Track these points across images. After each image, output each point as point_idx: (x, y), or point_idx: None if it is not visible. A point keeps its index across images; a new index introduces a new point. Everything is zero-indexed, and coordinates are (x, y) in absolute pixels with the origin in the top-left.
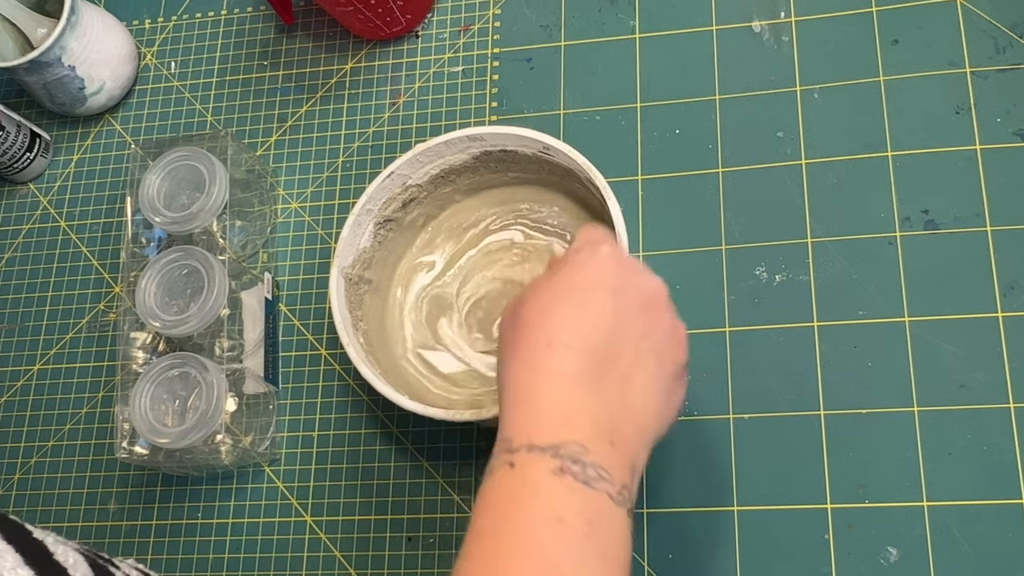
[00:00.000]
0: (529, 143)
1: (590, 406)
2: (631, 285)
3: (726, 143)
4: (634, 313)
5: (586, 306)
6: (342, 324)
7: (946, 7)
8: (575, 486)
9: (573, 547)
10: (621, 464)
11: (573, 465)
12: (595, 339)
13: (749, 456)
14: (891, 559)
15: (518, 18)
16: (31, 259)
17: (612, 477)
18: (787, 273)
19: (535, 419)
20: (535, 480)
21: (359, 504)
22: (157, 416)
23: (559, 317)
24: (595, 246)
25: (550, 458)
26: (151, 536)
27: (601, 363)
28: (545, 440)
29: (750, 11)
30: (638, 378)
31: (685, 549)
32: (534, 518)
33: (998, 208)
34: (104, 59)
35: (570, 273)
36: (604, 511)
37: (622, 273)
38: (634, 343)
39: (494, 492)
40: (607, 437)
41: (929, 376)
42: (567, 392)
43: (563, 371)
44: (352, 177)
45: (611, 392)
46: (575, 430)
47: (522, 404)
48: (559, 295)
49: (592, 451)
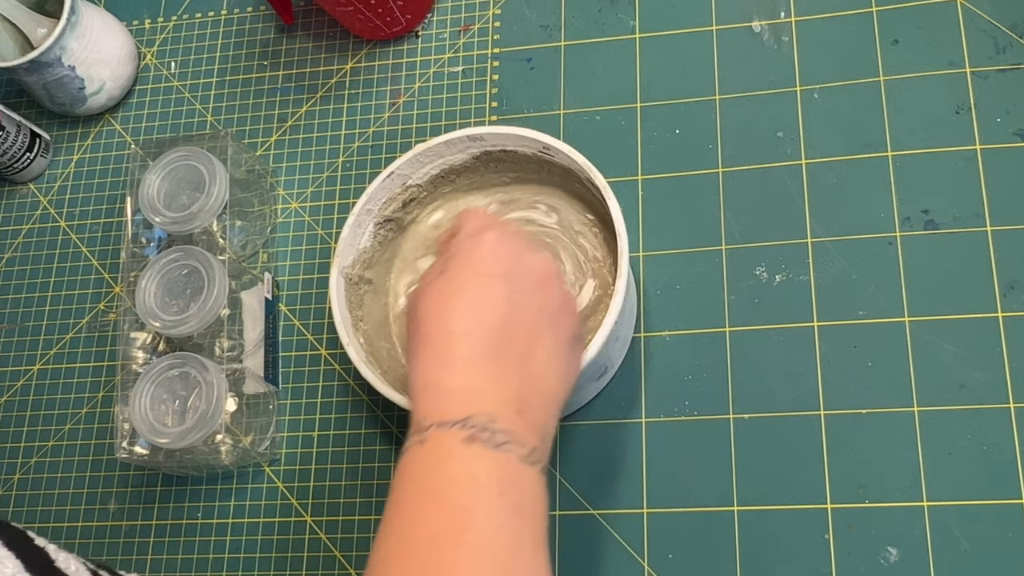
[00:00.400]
0: (529, 143)
1: (495, 383)
2: (520, 266)
3: (726, 143)
4: (528, 292)
5: (481, 293)
6: (342, 324)
7: (946, 7)
8: (484, 451)
9: (486, 501)
10: (529, 429)
11: (482, 433)
12: (492, 322)
13: (749, 456)
14: (891, 559)
15: (518, 18)
16: (31, 259)
17: (521, 440)
18: (787, 273)
19: (443, 401)
20: (446, 449)
21: (359, 504)
22: (157, 416)
23: (455, 307)
24: (480, 234)
25: (459, 429)
26: (151, 536)
27: (500, 343)
28: (453, 415)
29: (750, 11)
30: (538, 351)
31: (685, 549)
32: (445, 480)
33: (998, 208)
34: (104, 59)
35: (461, 263)
36: (515, 470)
37: (510, 256)
38: (530, 319)
39: (406, 467)
40: (514, 407)
41: (929, 376)
42: (471, 374)
43: (465, 356)
44: (352, 177)
45: (513, 367)
46: (482, 403)
47: (430, 391)
48: (453, 286)
49: (500, 419)
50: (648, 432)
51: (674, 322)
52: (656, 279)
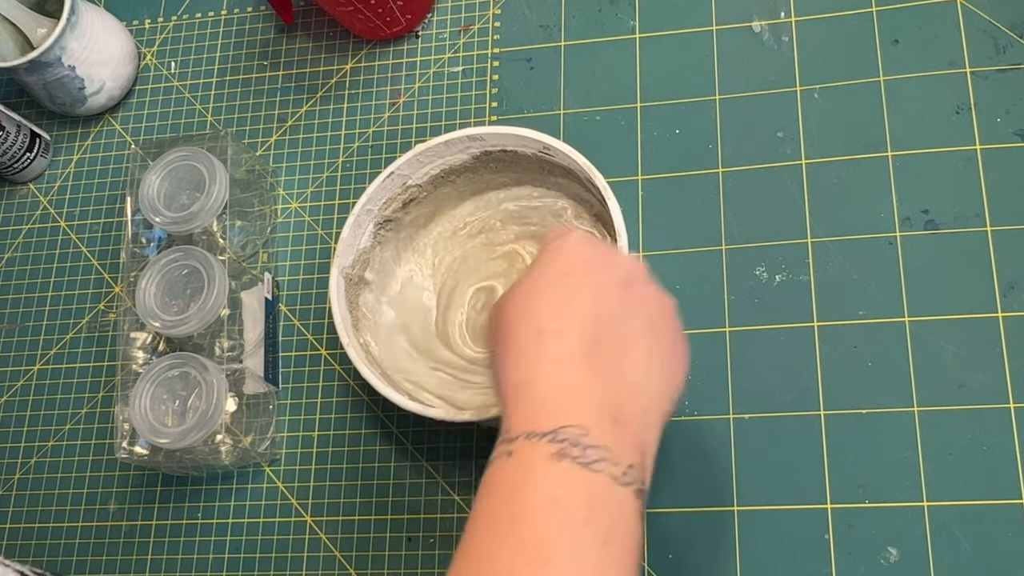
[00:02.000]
0: (529, 143)
1: (588, 387)
2: (608, 264)
3: (726, 143)
4: (617, 290)
5: (568, 290)
6: (342, 324)
7: (946, 7)
8: (574, 469)
9: (570, 530)
10: (626, 442)
11: (572, 448)
12: (583, 319)
13: (749, 456)
14: (891, 559)
15: (518, 18)
16: (31, 259)
17: (616, 457)
18: (787, 273)
19: (532, 408)
20: (532, 465)
21: (359, 504)
22: (157, 416)
23: (544, 304)
24: (564, 236)
25: (548, 443)
26: (151, 536)
27: (593, 342)
28: (543, 426)
29: (750, 11)
30: (634, 353)
31: (685, 549)
32: (529, 502)
33: (998, 208)
34: (104, 59)
35: (547, 263)
36: (607, 494)
37: (597, 254)
38: (623, 319)
39: (491, 481)
40: (609, 416)
41: (929, 376)
42: (563, 376)
43: (556, 356)
44: (352, 177)
45: (608, 370)
46: (574, 413)
47: (519, 395)
48: (540, 285)
49: (593, 432)
50: None
51: None
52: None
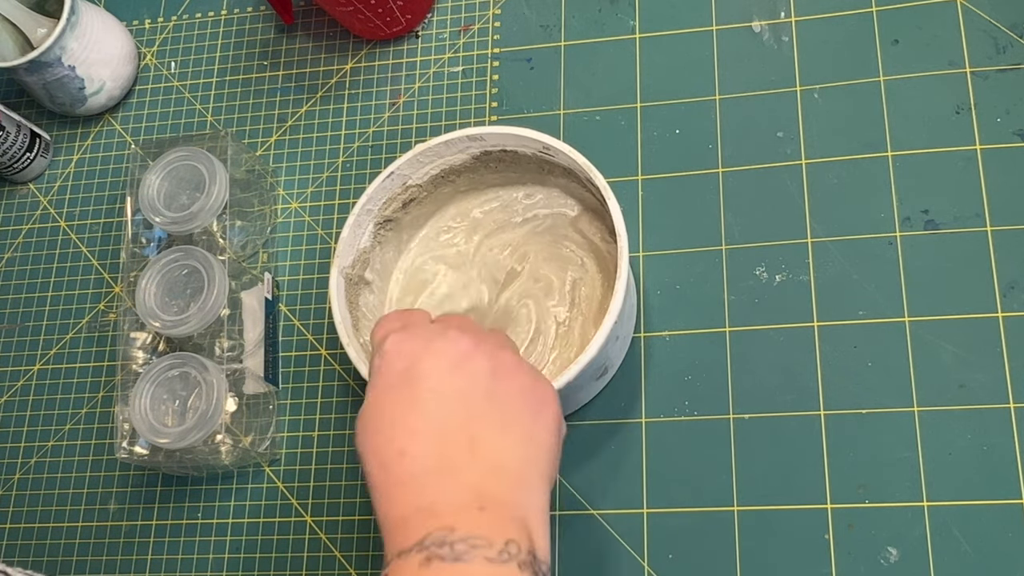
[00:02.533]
0: (529, 143)
1: (445, 490)
2: (427, 360)
3: (726, 143)
4: (446, 380)
5: (397, 407)
6: (342, 324)
7: (946, 7)
8: (443, 567)
9: None
10: (498, 523)
11: (439, 549)
12: (422, 431)
13: (749, 456)
14: (891, 559)
15: (518, 18)
16: (31, 259)
17: (489, 540)
18: (787, 273)
19: (399, 530)
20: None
21: (359, 504)
22: (157, 416)
23: (381, 434)
24: (380, 347)
25: (415, 554)
26: (151, 536)
27: (439, 446)
28: (410, 542)
29: (750, 11)
30: (484, 433)
31: (685, 549)
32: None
33: (998, 208)
34: (104, 59)
35: (373, 384)
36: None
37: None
38: (462, 407)
39: None
40: (474, 507)
41: (929, 376)
42: (418, 493)
43: (407, 477)
44: (352, 177)
45: (462, 464)
46: (437, 519)
47: (387, 526)
48: (374, 410)
49: (459, 528)
50: (648, 432)
51: (674, 322)
52: (656, 279)
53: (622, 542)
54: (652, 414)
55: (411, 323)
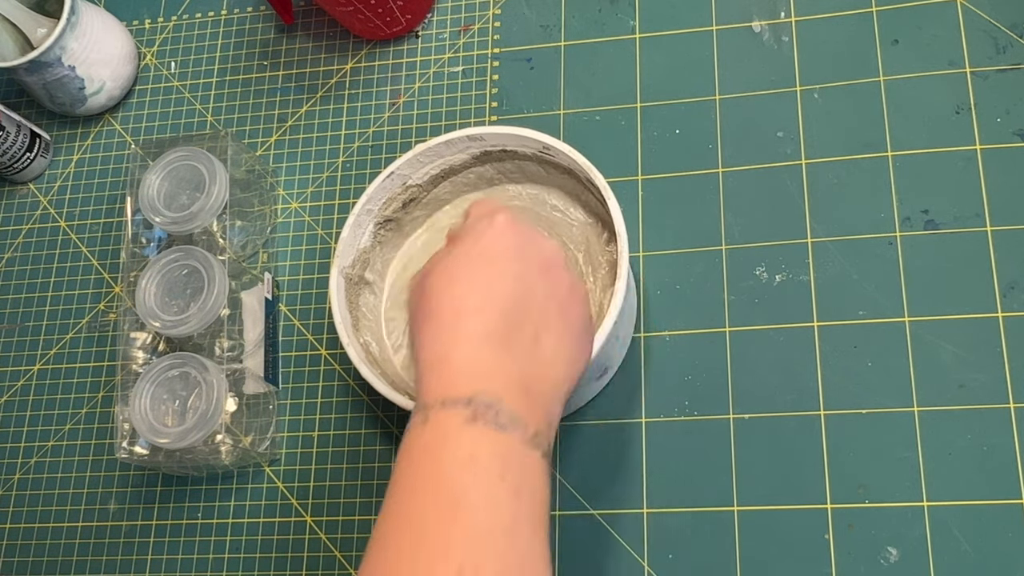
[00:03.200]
0: (529, 143)
1: (502, 362)
2: (530, 250)
3: (726, 143)
4: (535, 276)
5: (489, 273)
6: (342, 324)
7: (946, 7)
8: (487, 430)
9: (486, 483)
10: (534, 412)
11: (486, 411)
12: (501, 302)
13: (749, 456)
14: (891, 559)
15: (518, 18)
16: (31, 259)
17: (526, 423)
18: (787, 273)
19: (448, 378)
20: (447, 430)
21: (359, 504)
22: (157, 416)
23: (464, 286)
24: (491, 216)
25: (463, 408)
26: (151, 536)
27: (509, 324)
28: (458, 393)
29: (750, 11)
30: (546, 335)
31: (685, 549)
32: (445, 459)
33: (998, 208)
34: (104, 59)
35: (471, 244)
36: (518, 453)
37: (520, 239)
38: (539, 303)
39: (408, 447)
40: (520, 388)
41: (929, 376)
42: (479, 351)
43: (474, 334)
44: (352, 177)
45: (522, 349)
46: (488, 383)
47: (435, 367)
48: (462, 265)
49: (505, 400)
50: (648, 432)
51: (674, 322)
52: (656, 279)
53: (622, 542)
54: (652, 414)
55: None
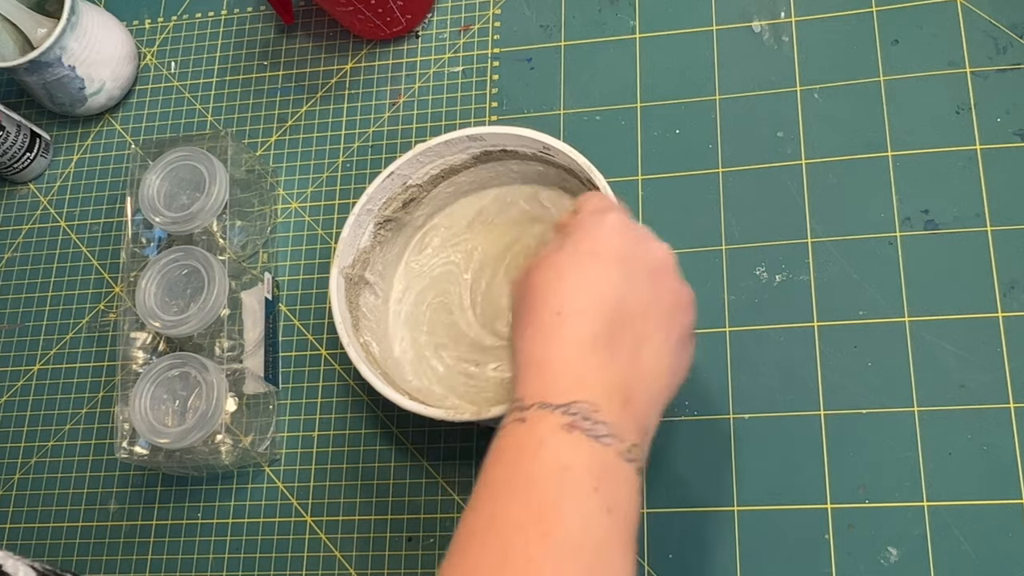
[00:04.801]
0: (529, 143)
1: (602, 369)
2: (638, 252)
3: (726, 143)
4: (642, 279)
5: (596, 273)
6: (342, 324)
7: (946, 7)
8: (583, 440)
9: (578, 496)
10: (632, 424)
11: (583, 421)
12: (606, 305)
13: (749, 456)
14: (891, 559)
15: (518, 18)
16: (31, 259)
17: (623, 435)
18: (787, 273)
19: (547, 381)
20: (543, 434)
21: (359, 504)
22: (157, 416)
23: (569, 285)
24: (602, 214)
25: (560, 414)
26: (151, 536)
27: (612, 328)
28: (556, 399)
29: (750, 11)
30: (649, 342)
31: (685, 549)
32: (539, 467)
33: (998, 208)
34: (104, 59)
35: (578, 241)
36: (612, 466)
37: (629, 240)
38: (643, 308)
39: (502, 446)
40: (619, 398)
41: (929, 376)
42: (579, 356)
43: (575, 337)
44: (352, 177)
45: (623, 356)
46: (587, 390)
47: (535, 368)
48: (569, 263)
49: (603, 410)
50: None
51: None
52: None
53: None
54: None
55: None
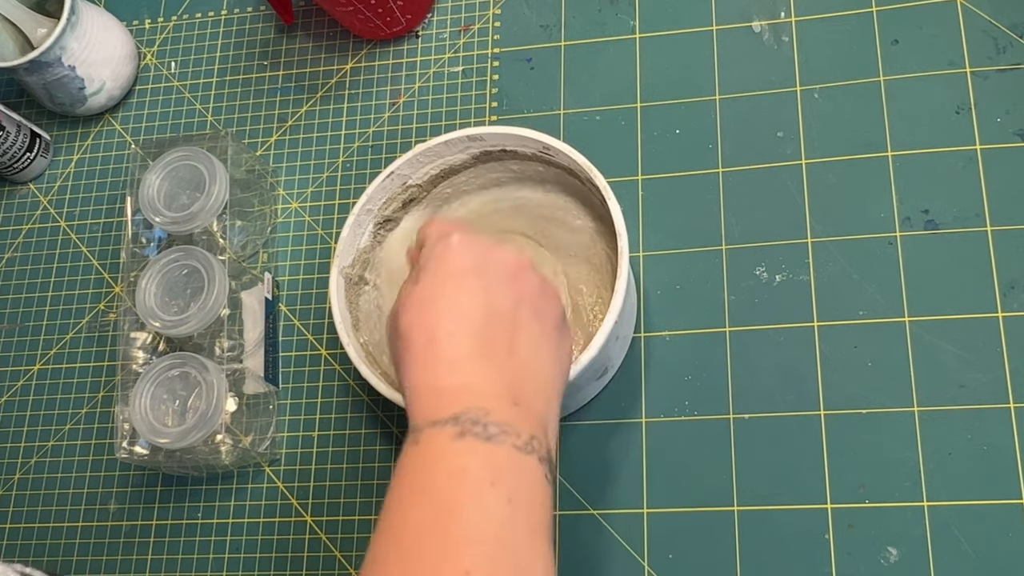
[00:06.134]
0: (529, 143)
1: (485, 378)
2: (490, 261)
3: (726, 143)
4: (501, 284)
5: (455, 294)
6: (342, 324)
7: (946, 7)
8: (476, 443)
9: (475, 492)
10: (527, 419)
11: (473, 426)
12: (474, 319)
13: (749, 456)
14: (891, 559)
15: (518, 18)
16: (31, 259)
17: (518, 430)
18: (787, 273)
19: (434, 401)
20: (437, 448)
21: (359, 504)
22: (157, 416)
23: (433, 312)
24: (445, 238)
25: (451, 426)
26: (151, 536)
27: (485, 338)
28: (445, 413)
29: (750, 11)
30: (524, 340)
31: (685, 549)
32: (438, 476)
33: (998, 208)
34: (104, 59)
35: (435, 268)
36: (510, 460)
37: (479, 254)
38: (511, 311)
39: (401, 467)
40: (507, 399)
41: (929, 376)
42: (460, 370)
43: (451, 356)
44: (352, 177)
45: (502, 360)
46: (474, 399)
47: (420, 394)
48: (430, 291)
49: (493, 412)
50: (648, 432)
51: (674, 322)
52: (656, 279)
53: (622, 542)
54: (652, 414)
55: (470, 229)
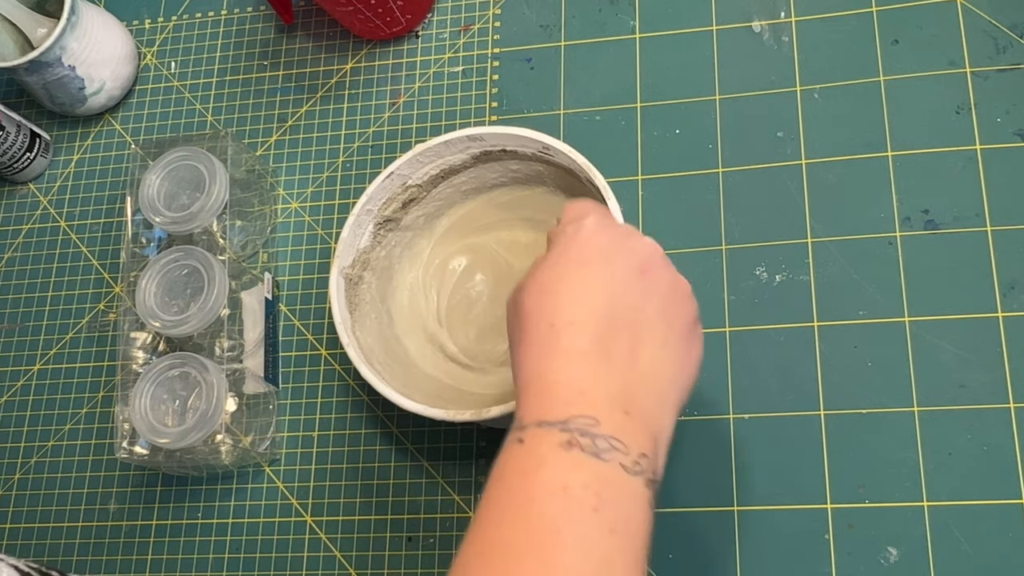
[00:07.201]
0: (529, 143)
1: (600, 378)
2: (623, 251)
3: (726, 143)
4: (631, 277)
5: (582, 280)
6: (342, 324)
7: (946, 7)
8: (583, 458)
9: (577, 517)
10: (638, 433)
11: (582, 438)
12: (597, 311)
13: (749, 456)
14: (891, 559)
15: (518, 18)
16: (31, 259)
17: (627, 447)
18: (787, 273)
19: (545, 397)
20: (542, 453)
21: (359, 504)
22: (157, 416)
23: (558, 296)
24: (580, 220)
25: (558, 432)
26: (151, 536)
27: (607, 333)
28: (554, 416)
29: (750, 11)
30: (648, 343)
31: (685, 549)
32: (537, 488)
33: (998, 208)
34: (104, 59)
35: (562, 251)
36: (616, 482)
37: (613, 241)
38: (638, 307)
39: (501, 466)
40: (621, 407)
41: (929, 376)
42: (575, 368)
43: (570, 348)
44: (352, 177)
45: (621, 361)
46: (586, 404)
47: (532, 385)
48: (555, 274)
49: (604, 423)
50: None
51: None
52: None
53: None
54: None
55: (607, 213)
